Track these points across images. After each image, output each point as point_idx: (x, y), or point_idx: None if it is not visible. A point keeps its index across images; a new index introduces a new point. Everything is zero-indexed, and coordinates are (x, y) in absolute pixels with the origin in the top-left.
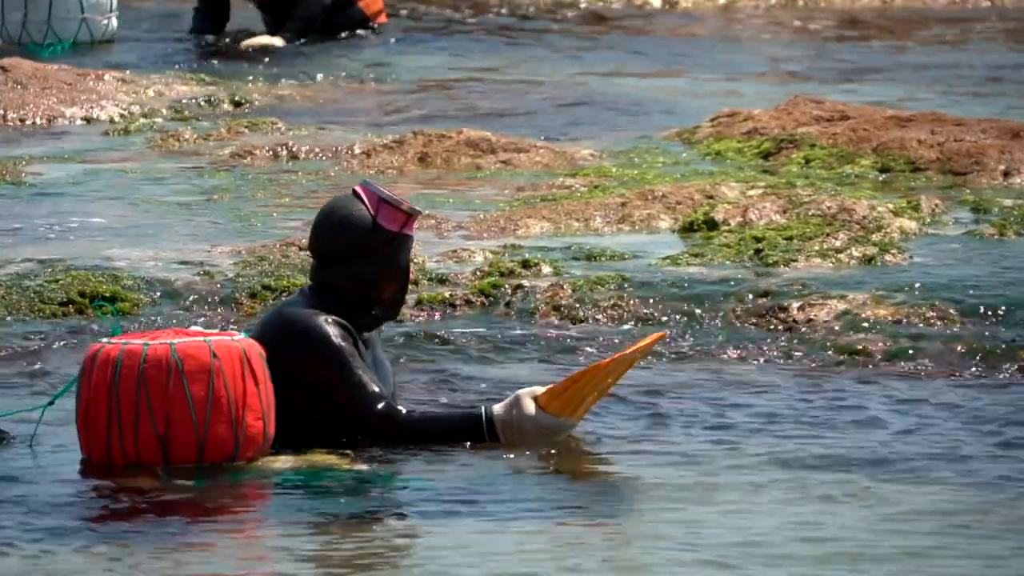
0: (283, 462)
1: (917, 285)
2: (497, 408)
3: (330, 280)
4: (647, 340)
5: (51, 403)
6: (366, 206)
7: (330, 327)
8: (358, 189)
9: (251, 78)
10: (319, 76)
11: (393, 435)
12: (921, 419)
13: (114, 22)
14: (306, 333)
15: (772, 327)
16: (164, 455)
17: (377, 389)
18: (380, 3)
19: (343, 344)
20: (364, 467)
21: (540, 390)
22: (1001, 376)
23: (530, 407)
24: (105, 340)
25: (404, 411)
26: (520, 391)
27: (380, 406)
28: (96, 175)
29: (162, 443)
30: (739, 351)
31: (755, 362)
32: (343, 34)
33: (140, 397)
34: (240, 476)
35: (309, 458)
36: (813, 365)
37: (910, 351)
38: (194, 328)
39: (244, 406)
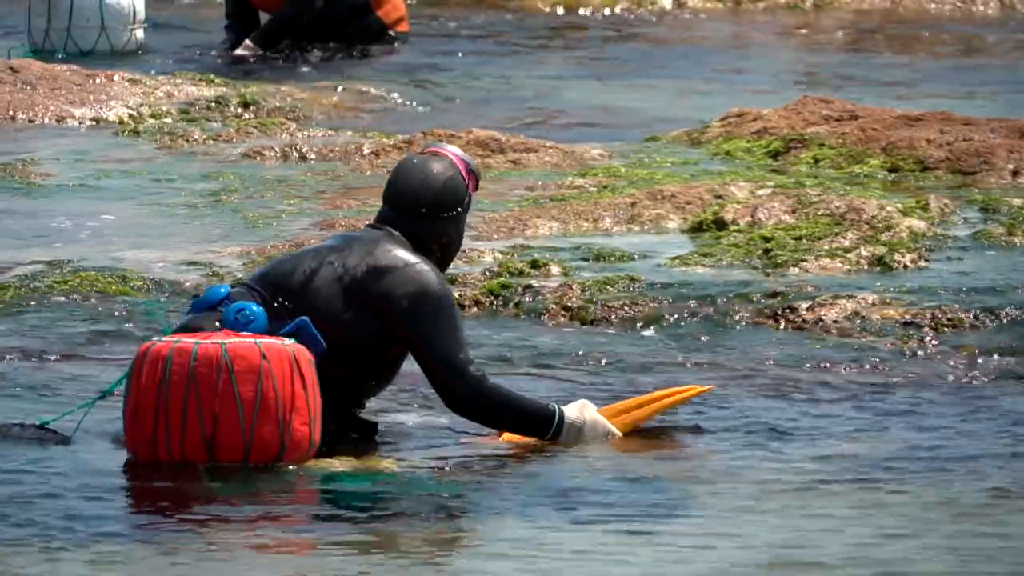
0: (335, 464)
1: (926, 286)
2: (568, 409)
3: (419, 235)
4: (699, 389)
5: (101, 398)
6: (459, 169)
7: (439, 277)
8: (447, 152)
9: (260, 80)
10: (329, 79)
11: (472, 398)
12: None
13: (139, 33)
14: (418, 278)
15: (781, 327)
16: (210, 455)
17: (470, 350)
18: (400, 11)
19: (451, 296)
20: (412, 470)
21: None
22: (1012, 380)
23: (598, 415)
24: (156, 338)
25: (490, 379)
26: (583, 400)
27: (472, 367)
28: (105, 176)
29: (208, 443)
30: (749, 351)
31: (767, 362)
32: (361, 43)
33: (189, 395)
34: (292, 477)
35: (361, 462)
36: (823, 366)
37: (919, 352)
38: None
39: (292, 409)
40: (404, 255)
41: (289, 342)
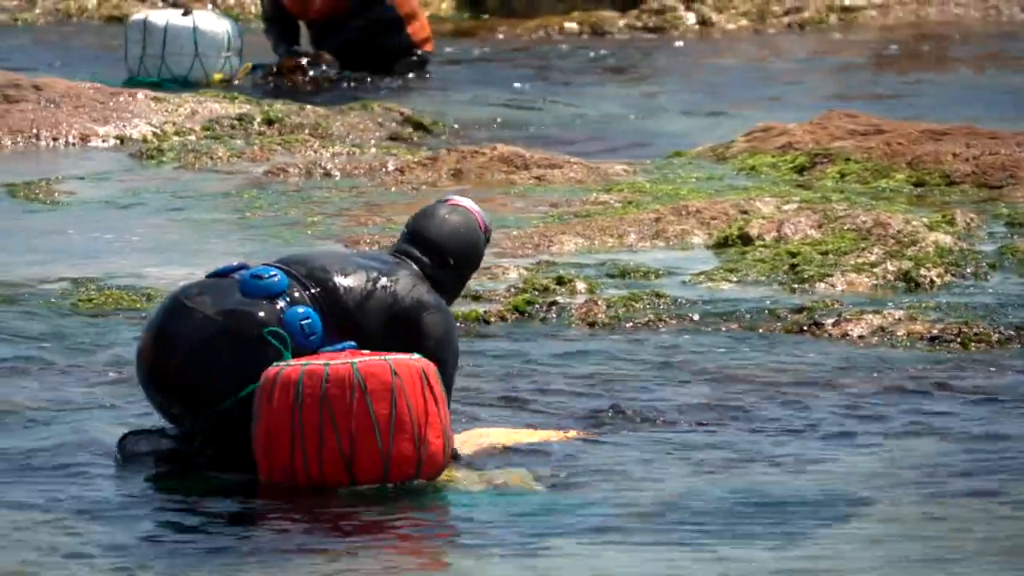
0: (471, 481)
1: (952, 300)
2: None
3: (439, 281)
4: (567, 435)
5: (221, 408)
6: (481, 230)
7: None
8: (472, 210)
9: (283, 97)
10: (354, 96)
11: None
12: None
13: (235, 60)
14: (447, 324)
15: (808, 342)
16: (349, 475)
17: None
18: (427, 31)
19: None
20: (548, 489)
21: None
22: None
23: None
24: (282, 363)
25: None
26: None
27: None
28: (129, 193)
29: (347, 463)
30: (775, 366)
31: (792, 377)
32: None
33: (324, 417)
34: (427, 497)
35: (498, 479)
36: (848, 380)
37: (944, 366)
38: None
39: (426, 424)
40: (438, 298)
41: (416, 356)
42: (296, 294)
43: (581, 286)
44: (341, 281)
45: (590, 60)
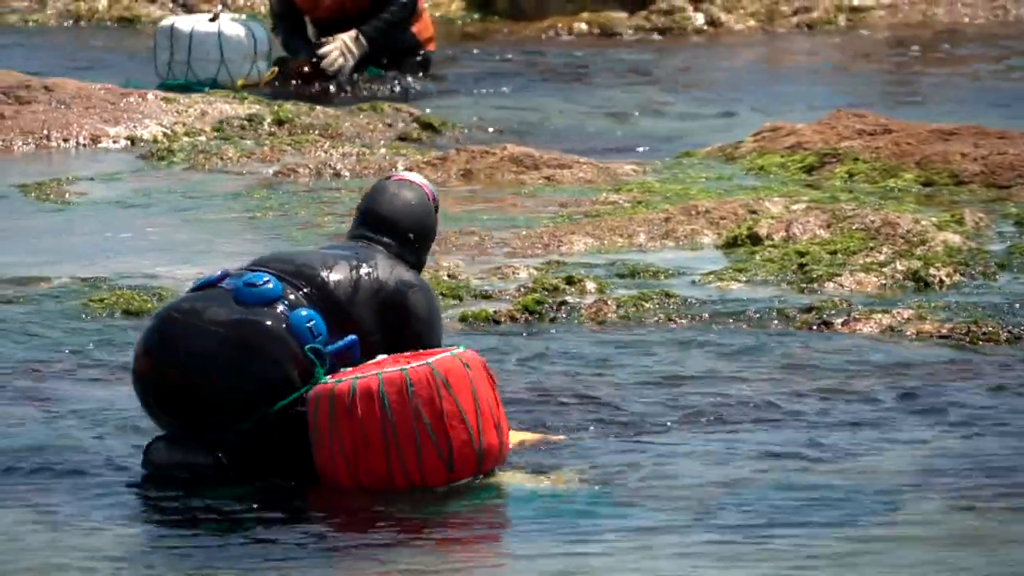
0: (517, 480)
1: (961, 300)
2: None
3: (405, 256)
4: (544, 438)
5: (255, 420)
6: (431, 203)
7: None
8: (421, 184)
9: (294, 97)
10: (363, 97)
11: None
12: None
13: (261, 65)
14: (430, 299)
15: (816, 341)
16: (449, 473)
17: None
18: (431, 30)
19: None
20: (589, 486)
21: None
22: None
23: None
24: (327, 379)
25: None
26: None
27: None
28: (139, 194)
29: (447, 461)
30: (784, 366)
31: (801, 377)
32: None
33: (418, 421)
34: (474, 496)
35: (539, 476)
36: (858, 381)
37: (953, 366)
38: None
39: (499, 412)
40: (416, 276)
41: (464, 349)
42: (291, 296)
43: (591, 286)
44: (329, 276)
45: (599, 60)
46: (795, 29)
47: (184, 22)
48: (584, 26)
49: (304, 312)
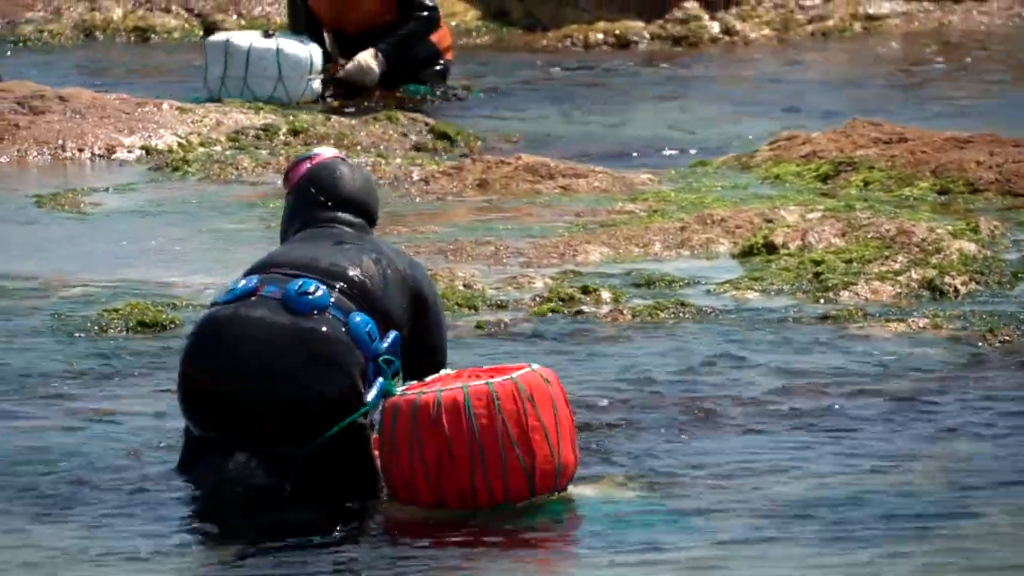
0: (578, 489)
1: (976, 308)
2: None
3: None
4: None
5: (329, 434)
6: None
7: None
8: (337, 154)
9: (309, 107)
10: (379, 107)
11: None
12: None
13: (317, 84)
14: (421, 271)
15: (832, 350)
16: (531, 489)
17: None
18: (449, 39)
19: None
20: (648, 493)
21: None
22: None
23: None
24: (410, 392)
25: None
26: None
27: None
28: (154, 204)
29: (529, 476)
30: (800, 374)
31: (818, 386)
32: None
33: (503, 436)
34: (530, 507)
35: (600, 486)
36: (876, 388)
37: (970, 374)
38: None
39: (574, 428)
40: (398, 250)
41: (537, 366)
42: (334, 298)
43: (606, 295)
44: (360, 272)
45: (614, 69)
46: (810, 38)
47: (240, 38)
48: (600, 35)
49: (359, 318)
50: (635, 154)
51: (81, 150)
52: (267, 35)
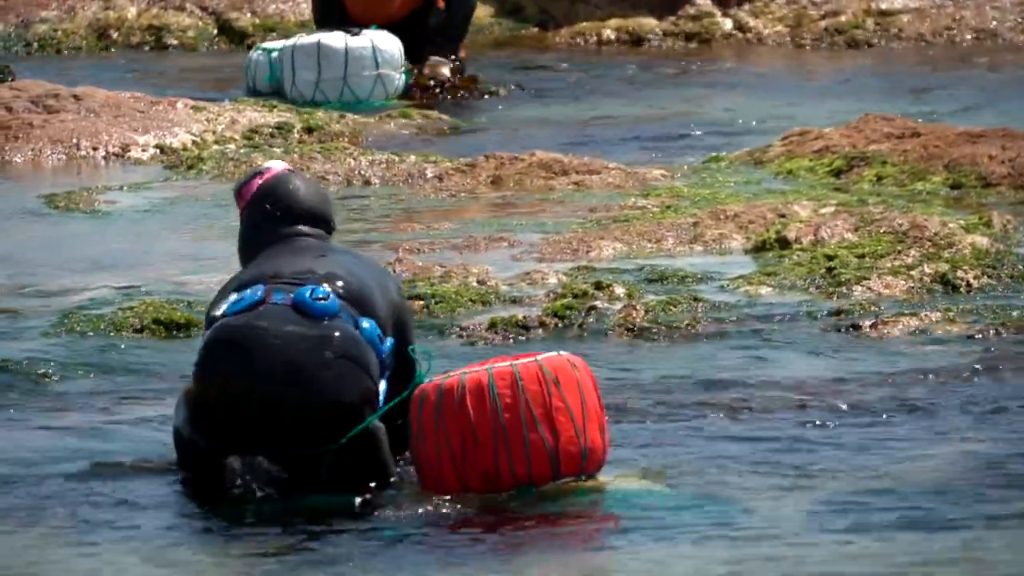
0: (598, 481)
1: (990, 302)
2: None
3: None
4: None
5: (355, 432)
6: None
7: None
8: (288, 167)
9: (324, 104)
10: (392, 104)
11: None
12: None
13: (403, 77)
14: (393, 277)
15: (845, 345)
16: (555, 470)
17: None
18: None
19: None
20: (671, 487)
21: None
22: None
23: None
24: (439, 376)
25: None
26: None
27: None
28: (169, 202)
29: (553, 459)
30: (813, 369)
31: (830, 380)
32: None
33: (527, 417)
34: (560, 499)
35: (625, 477)
36: (889, 382)
37: (984, 368)
38: None
39: (603, 413)
40: (369, 258)
41: (565, 353)
42: (342, 304)
43: (620, 291)
44: (353, 281)
45: (627, 66)
46: (823, 33)
47: (330, 38)
48: (612, 33)
49: (366, 323)
50: (648, 149)
51: (96, 149)
52: (353, 33)
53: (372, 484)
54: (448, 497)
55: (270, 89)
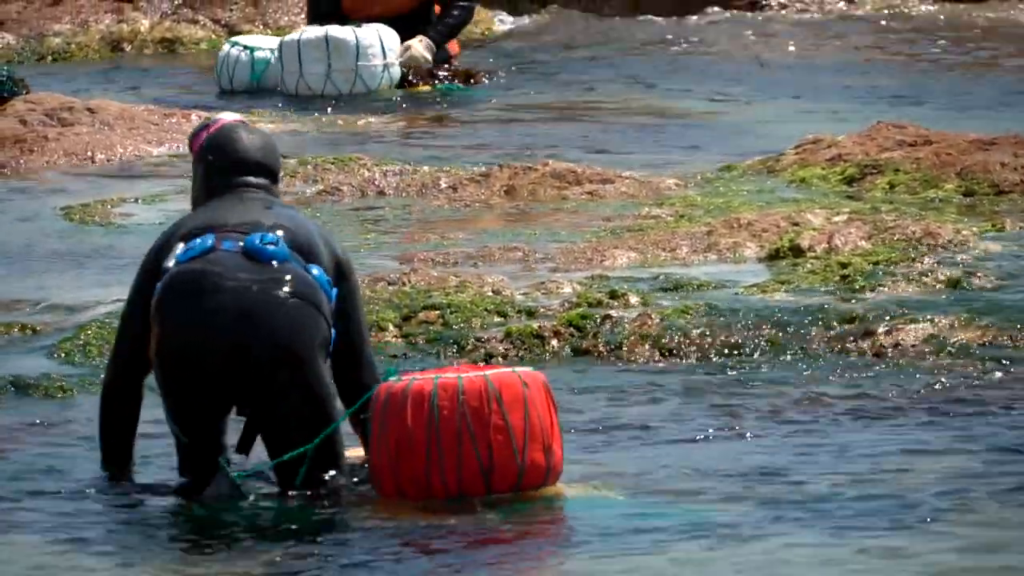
0: (564, 490)
1: (1004, 308)
2: None
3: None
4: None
5: (336, 425)
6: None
7: None
8: (238, 117)
9: (337, 111)
10: (402, 110)
11: (374, 377)
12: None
13: (395, 70)
14: (333, 235)
15: (860, 352)
16: (487, 485)
17: None
18: (457, 44)
19: None
20: (625, 496)
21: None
22: None
23: None
24: (399, 378)
25: None
26: None
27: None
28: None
29: (485, 474)
30: (827, 378)
31: (844, 388)
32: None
33: (463, 430)
34: (521, 507)
35: (582, 487)
36: (903, 390)
37: (998, 374)
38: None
39: (552, 434)
40: (314, 224)
41: (531, 369)
42: (292, 253)
43: (634, 300)
44: (301, 233)
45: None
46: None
47: (339, 30)
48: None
49: (316, 270)
50: (660, 157)
51: (110, 161)
52: (359, 25)
53: (324, 483)
54: (402, 509)
55: (250, 88)
